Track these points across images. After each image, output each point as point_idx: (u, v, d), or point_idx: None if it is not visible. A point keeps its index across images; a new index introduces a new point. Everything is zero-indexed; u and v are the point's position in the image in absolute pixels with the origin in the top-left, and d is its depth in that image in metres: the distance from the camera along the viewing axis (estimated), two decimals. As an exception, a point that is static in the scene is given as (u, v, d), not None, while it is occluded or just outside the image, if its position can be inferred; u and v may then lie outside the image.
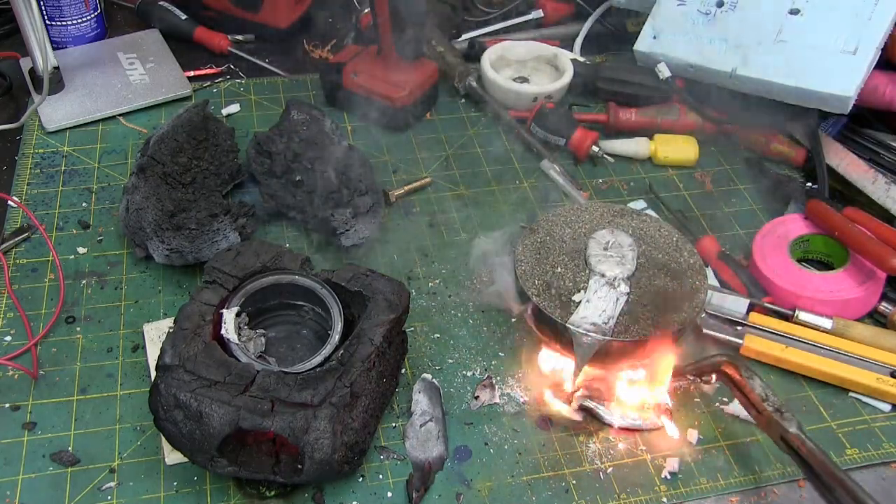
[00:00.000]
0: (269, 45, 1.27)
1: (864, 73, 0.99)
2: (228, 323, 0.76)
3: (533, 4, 1.34)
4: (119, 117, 1.11)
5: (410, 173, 1.07)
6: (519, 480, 0.77)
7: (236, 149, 1.02)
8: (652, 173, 1.11)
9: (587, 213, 0.90)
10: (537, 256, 0.85)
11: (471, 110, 1.18)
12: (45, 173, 1.03)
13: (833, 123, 1.11)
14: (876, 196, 1.01)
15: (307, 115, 1.04)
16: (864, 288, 0.91)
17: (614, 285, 0.81)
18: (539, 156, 1.11)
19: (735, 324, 0.89)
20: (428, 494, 0.75)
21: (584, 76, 1.19)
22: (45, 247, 0.93)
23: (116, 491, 0.73)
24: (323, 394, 0.71)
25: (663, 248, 0.86)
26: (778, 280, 0.93)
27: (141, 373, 0.83)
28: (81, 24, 1.21)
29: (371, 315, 0.77)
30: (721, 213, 1.06)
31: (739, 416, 0.83)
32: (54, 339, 0.85)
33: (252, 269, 0.80)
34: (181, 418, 0.69)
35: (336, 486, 0.75)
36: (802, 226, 0.99)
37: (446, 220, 1.01)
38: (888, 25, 1.00)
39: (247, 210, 0.94)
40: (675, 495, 0.77)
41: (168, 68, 1.18)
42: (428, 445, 0.78)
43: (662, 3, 1.16)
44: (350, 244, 0.93)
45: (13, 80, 1.15)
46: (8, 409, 0.79)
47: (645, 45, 1.16)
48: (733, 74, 1.08)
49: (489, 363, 0.86)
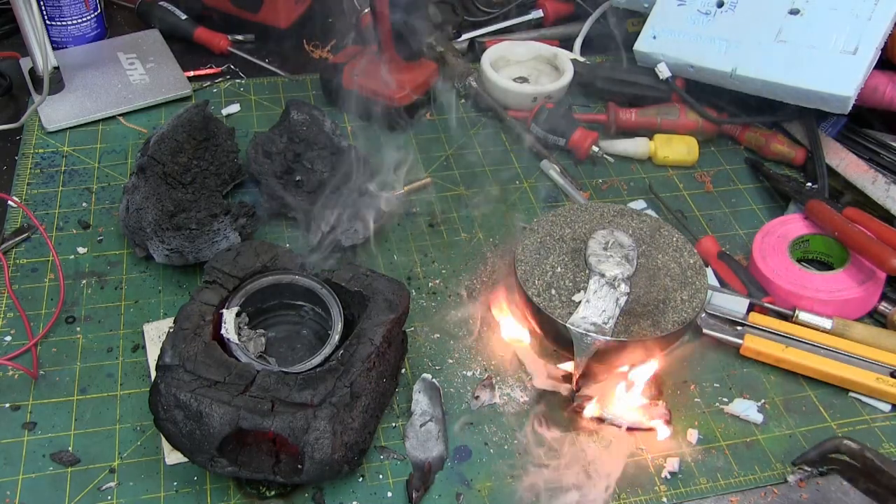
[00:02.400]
0: (269, 45, 1.27)
1: (864, 73, 0.99)
2: (228, 323, 0.76)
3: (533, 4, 1.34)
4: (119, 117, 1.11)
5: (410, 173, 1.07)
6: (519, 480, 0.77)
7: (236, 149, 1.02)
8: (652, 173, 1.11)
9: (587, 213, 0.90)
10: (537, 256, 0.85)
11: (471, 110, 1.18)
12: (45, 173, 1.03)
13: (833, 123, 1.11)
14: (876, 196, 1.01)
15: (307, 115, 1.04)
16: (863, 288, 0.91)
17: (614, 285, 0.81)
18: (539, 156, 1.11)
19: (735, 324, 0.89)
20: (428, 494, 0.75)
21: (584, 76, 1.19)
22: (45, 247, 0.93)
23: (116, 491, 0.73)
24: (323, 394, 0.71)
25: (663, 248, 0.86)
26: (778, 280, 0.93)
27: (141, 373, 0.83)
28: (81, 24, 1.21)
29: (371, 315, 0.77)
30: (721, 213, 1.06)
31: (739, 416, 0.83)
32: (54, 339, 0.85)
33: (252, 269, 0.80)
34: (181, 418, 0.69)
35: (336, 486, 0.75)
36: (802, 226, 0.99)
37: (446, 220, 1.01)
38: (888, 25, 1.00)
39: (247, 210, 0.94)
40: (675, 495, 0.77)
41: (168, 68, 1.18)
42: (428, 445, 0.78)
43: (662, 3, 1.16)
44: (350, 244, 0.93)
45: (13, 80, 1.15)
46: (8, 409, 0.79)
47: (645, 45, 1.16)
48: (733, 74, 1.08)
49: (489, 363, 0.86)
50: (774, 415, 0.84)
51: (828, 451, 0.71)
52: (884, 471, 0.67)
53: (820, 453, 0.71)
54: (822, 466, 0.72)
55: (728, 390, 0.86)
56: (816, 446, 0.71)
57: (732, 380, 0.87)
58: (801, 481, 0.78)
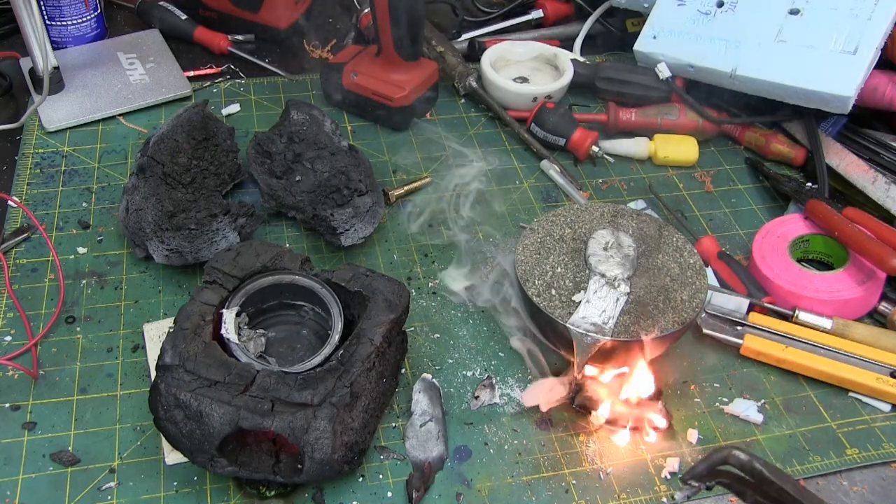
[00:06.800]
0: (269, 45, 1.27)
1: (864, 73, 0.99)
2: (228, 323, 0.76)
3: (533, 4, 1.34)
4: (119, 117, 1.11)
5: (410, 173, 1.07)
6: (519, 480, 0.77)
7: (236, 149, 1.02)
8: (652, 173, 1.11)
9: (587, 213, 0.90)
10: (537, 256, 0.85)
11: (471, 110, 1.18)
12: (45, 173, 1.03)
13: (833, 123, 1.11)
14: (876, 196, 1.01)
15: (307, 115, 1.04)
16: (864, 288, 0.91)
17: (614, 285, 0.81)
18: (539, 156, 1.11)
19: (735, 324, 0.89)
20: (428, 494, 0.75)
21: (584, 76, 1.19)
22: (45, 247, 0.93)
23: (116, 491, 0.73)
24: (323, 394, 0.71)
25: (663, 248, 0.86)
26: (778, 280, 0.93)
27: (141, 373, 0.83)
28: (81, 24, 1.21)
29: (371, 315, 0.77)
30: (721, 213, 1.06)
31: (739, 416, 0.83)
32: (54, 339, 0.85)
33: (252, 269, 0.80)
34: (181, 418, 0.69)
35: (336, 486, 0.75)
36: (802, 226, 0.99)
37: (446, 220, 1.01)
38: (888, 25, 1.00)
39: (247, 210, 0.94)
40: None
41: (168, 68, 1.18)
42: (428, 445, 0.78)
43: (662, 3, 1.16)
44: (350, 244, 0.93)
45: (13, 80, 1.15)
46: (8, 409, 0.79)
47: (645, 45, 1.16)
48: (733, 74, 1.08)
49: (489, 363, 0.86)
50: (774, 415, 0.84)
51: (716, 464, 0.66)
52: (772, 482, 0.64)
53: (708, 466, 0.66)
54: (710, 481, 0.67)
55: (728, 390, 0.86)
56: (704, 459, 0.66)
57: (732, 380, 0.87)
58: (800, 481, 0.78)
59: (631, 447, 0.80)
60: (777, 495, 0.64)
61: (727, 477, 0.66)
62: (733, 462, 0.65)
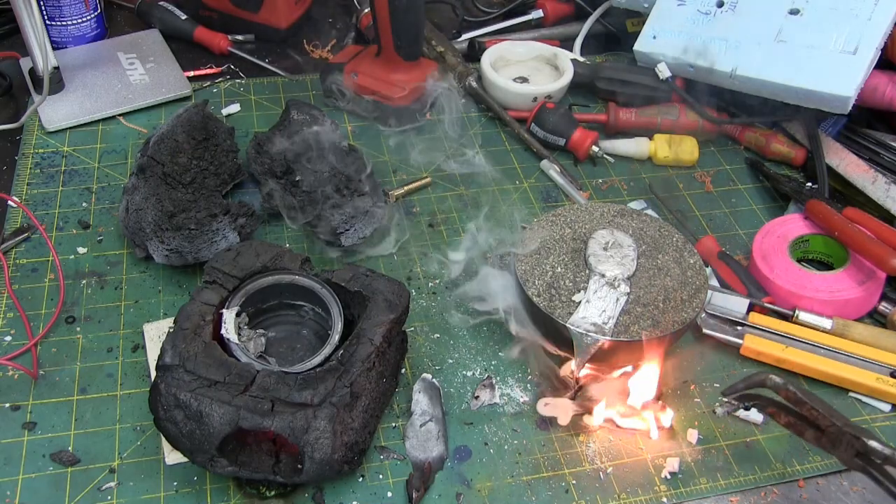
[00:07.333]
0: (269, 45, 1.27)
1: (864, 73, 0.99)
2: (228, 323, 0.76)
3: (533, 4, 1.34)
4: (119, 117, 1.12)
5: (410, 173, 1.07)
6: (519, 480, 0.77)
7: (236, 149, 1.02)
8: (652, 173, 1.11)
9: (587, 213, 0.90)
10: (537, 256, 0.85)
11: (471, 110, 1.18)
12: (45, 173, 1.03)
13: (833, 123, 1.11)
14: (876, 196, 1.01)
15: (307, 115, 1.04)
16: (864, 288, 0.91)
17: (614, 285, 0.81)
18: (539, 156, 1.11)
19: (735, 324, 0.89)
20: (428, 494, 0.75)
21: (584, 76, 1.19)
22: (45, 247, 0.93)
23: (116, 491, 0.74)
24: (323, 394, 0.71)
25: (663, 248, 0.86)
26: (778, 280, 0.93)
27: (141, 373, 0.83)
28: (81, 24, 1.21)
29: (371, 315, 0.77)
30: (721, 213, 1.06)
31: (739, 416, 0.83)
32: (54, 339, 0.85)
33: (252, 270, 0.80)
34: (181, 418, 0.69)
35: (336, 486, 0.75)
36: (802, 226, 0.99)
37: (446, 220, 1.01)
38: (888, 25, 1.00)
39: (246, 210, 0.94)
40: (675, 495, 0.77)
41: (168, 68, 1.18)
42: (428, 445, 0.78)
43: (662, 3, 1.16)
44: (350, 244, 0.93)
45: (13, 80, 1.15)
46: (8, 409, 0.79)
47: (645, 45, 1.16)
48: (733, 74, 1.08)
49: (489, 363, 0.86)
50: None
51: (754, 385, 0.74)
52: (804, 402, 0.71)
53: (746, 385, 0.75)
54: (747, 402, 0.75)
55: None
56: (744, 379, 0.75)
57: (732, 380, 0.86)
58: (800, 481, 0.78)
59: (631, 447, 0.80)
60: (808, 415, 0.71)
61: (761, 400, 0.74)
62: (770, 385, 0.73)
